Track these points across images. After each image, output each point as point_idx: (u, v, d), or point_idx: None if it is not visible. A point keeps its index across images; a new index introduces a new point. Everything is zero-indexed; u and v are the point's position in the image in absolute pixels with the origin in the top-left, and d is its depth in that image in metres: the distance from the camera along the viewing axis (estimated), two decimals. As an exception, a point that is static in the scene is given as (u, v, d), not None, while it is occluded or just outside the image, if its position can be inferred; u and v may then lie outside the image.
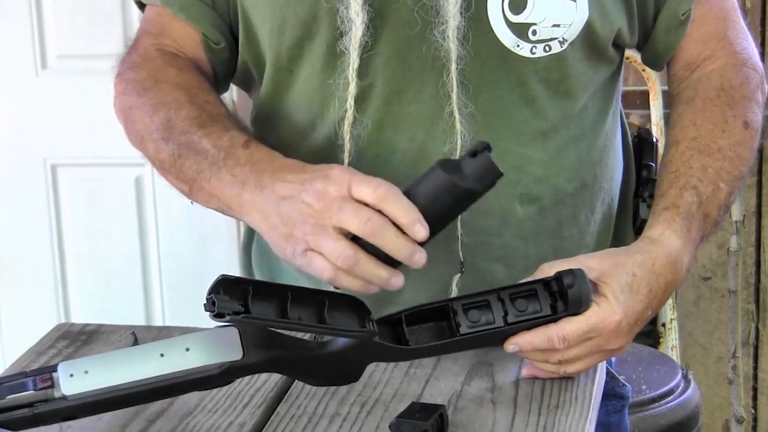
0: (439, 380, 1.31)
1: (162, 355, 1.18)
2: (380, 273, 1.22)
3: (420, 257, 1.22)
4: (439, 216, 1.24)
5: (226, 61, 1.46)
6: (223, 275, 1.17)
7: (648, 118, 2.76)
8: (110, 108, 1.42)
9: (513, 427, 1.20)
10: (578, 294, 1.24)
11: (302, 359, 1.22)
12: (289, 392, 1.30)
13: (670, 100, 1.49)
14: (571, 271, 1.24)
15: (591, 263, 1.26)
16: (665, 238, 1.31)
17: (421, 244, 1.23)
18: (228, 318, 1.14)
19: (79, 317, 2.78)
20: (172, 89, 1.38)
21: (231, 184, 1.28)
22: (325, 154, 1.38)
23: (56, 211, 3.05)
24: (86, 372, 1.17)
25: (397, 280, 1.23)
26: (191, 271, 2.93)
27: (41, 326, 1.23)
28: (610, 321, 1.24)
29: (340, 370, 1.25)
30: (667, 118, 1.47)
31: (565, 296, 1.24)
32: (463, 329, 1.25)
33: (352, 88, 1.33)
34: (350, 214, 1.21)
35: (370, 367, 1.31)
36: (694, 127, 1.40)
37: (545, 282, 1.26)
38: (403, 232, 1.21)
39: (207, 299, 1.14)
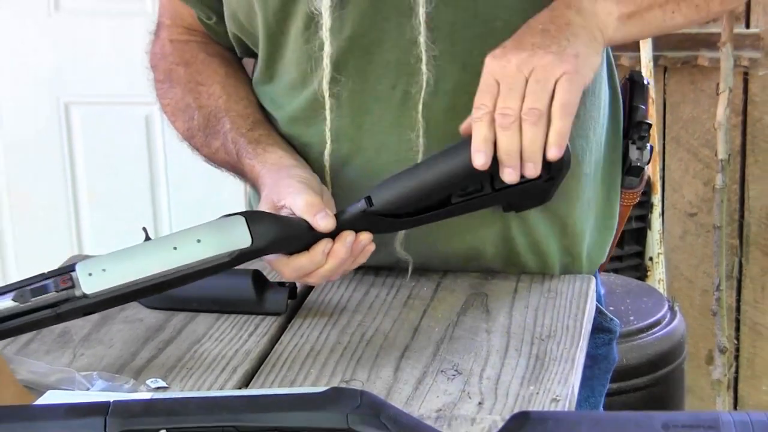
0: (436, 310, 1.35)
1: (175, 249, 1.23)
2: None
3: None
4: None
5: (226, 33, 1.49)
6: None
7: (638, 60, 2.76)
8: (120, 48, 1.45)
9: (507, 355, 1.24)
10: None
11: (306, 237, 1.26)
12: (292, 322, 1.34)
13: None
14: None
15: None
16: None
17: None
18: None
19: (90, 251, 2.81)
20: (183, 95, 1.47)
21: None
22: (312, 108, 1.39)
23: (69, 147, 3.08)
24: (104, 270, 1.21)
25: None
26: (199, 205, 2.95)
27: (55, 261, 1.26)
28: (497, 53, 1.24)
29: None
30: (657, 60, 1.42)
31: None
32: (454, 198, 1.29)
33: (327, 48, 1.33)
34: None
35: (370, 297, 1.35)
36: None
37: None
38: None
39: None
